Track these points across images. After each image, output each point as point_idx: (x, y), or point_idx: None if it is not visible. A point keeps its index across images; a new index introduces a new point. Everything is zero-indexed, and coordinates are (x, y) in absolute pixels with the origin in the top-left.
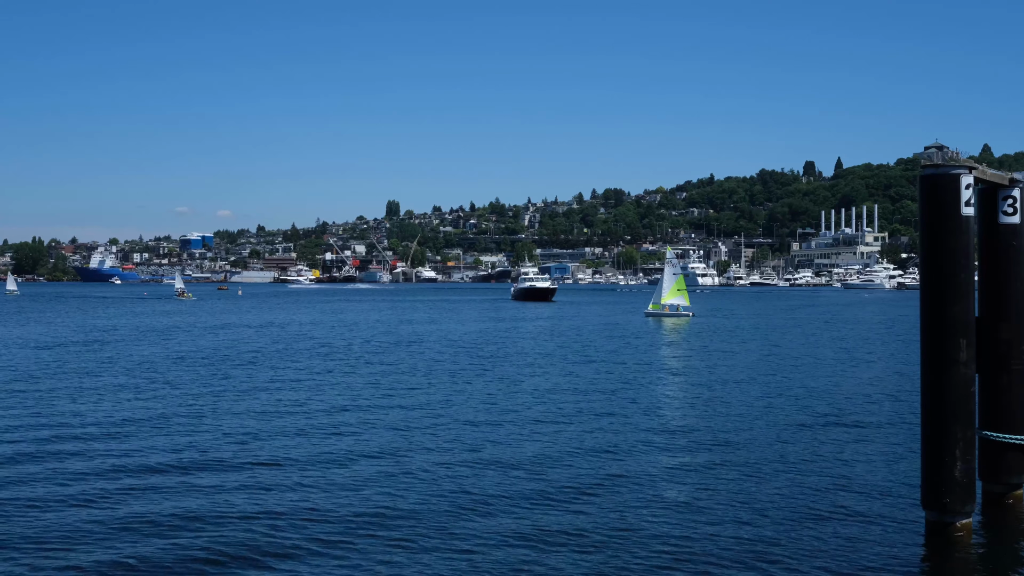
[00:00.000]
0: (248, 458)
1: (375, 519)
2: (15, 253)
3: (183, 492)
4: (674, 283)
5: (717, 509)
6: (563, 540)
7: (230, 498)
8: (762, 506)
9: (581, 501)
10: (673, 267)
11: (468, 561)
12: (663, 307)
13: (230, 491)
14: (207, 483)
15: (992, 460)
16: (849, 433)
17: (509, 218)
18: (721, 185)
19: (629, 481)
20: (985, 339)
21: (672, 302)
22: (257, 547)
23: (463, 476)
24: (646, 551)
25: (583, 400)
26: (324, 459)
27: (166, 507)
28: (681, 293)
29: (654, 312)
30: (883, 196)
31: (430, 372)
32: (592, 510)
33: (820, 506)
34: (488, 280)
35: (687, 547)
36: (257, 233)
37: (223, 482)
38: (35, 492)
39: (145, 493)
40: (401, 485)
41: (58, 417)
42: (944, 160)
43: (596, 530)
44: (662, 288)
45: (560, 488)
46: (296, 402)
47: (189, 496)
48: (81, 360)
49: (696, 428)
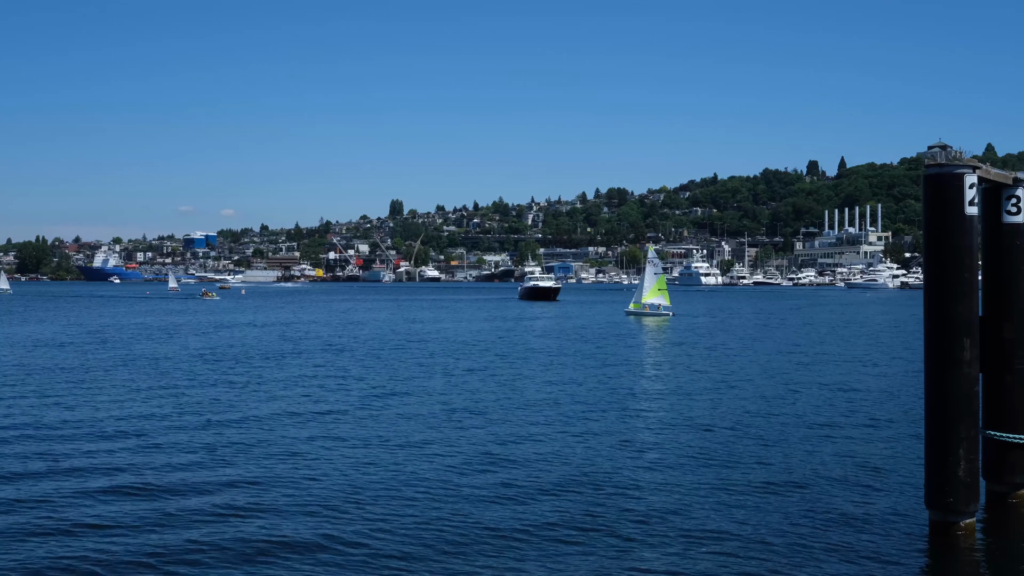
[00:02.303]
0: (294, 444)
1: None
2: (19, 252)
3: (220, 488)
4: (655, 282)
5: (720, 507)
6: (564, 536)
7: (273, 489)
8: (765, 505)
9: (580, 497)
10: (654, 266)
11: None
12: (643, 306)
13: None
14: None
15: (996, 460)
16: (852, 432)
17: (512, 217)
18: (725, 184)
19: (625, 478)
20: (989, 338)
21: (652, 301)
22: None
23: (510, 464)
24: (647, 550)
25: (596, 399)
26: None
27: (197, 502)
28: (662, 293)
29: (634, 311)
30: (887, 195)
31: (449, 371)
32: (593, 508)
33: (823, 505)
34: (491, 279)
35: (688, 546)
36: (261, 232)
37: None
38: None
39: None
40: (451, 482)
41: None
42: (948, 159)
43: (597, 528)
44: (643, 287)
45: (578, 483)
46: (326, 401)
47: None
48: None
49: (696, 428)
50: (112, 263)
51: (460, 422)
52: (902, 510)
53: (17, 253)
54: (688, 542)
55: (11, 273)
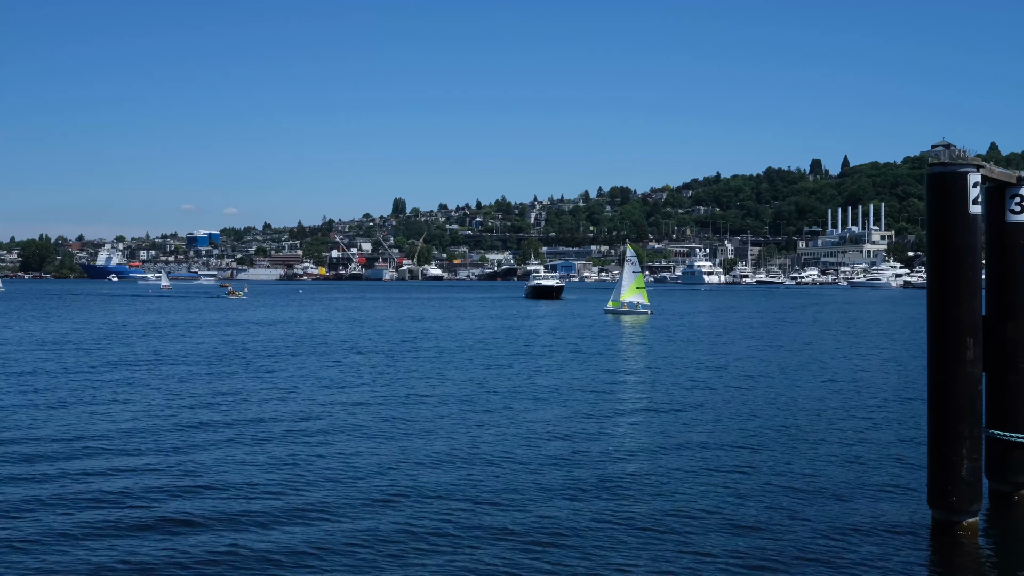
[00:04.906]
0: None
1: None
2: (22, 250)
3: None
4: (633, 281)
5: (722, 505)
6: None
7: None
8: (767, 503)
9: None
10: (632, 265)
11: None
12: (622, 304)
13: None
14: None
15: (999, 459)
16: (855, 431)
17: (515, 216)
18: (727, 183)
19: (624, 479)
20: (992, 338)
21: (631, 300)
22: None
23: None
24: (647, 548)
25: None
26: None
27: (209, 506)
28: (640, 291)
29: (613, 310)
30: (890, 194)
31: (467, 366)
32: (598, 505)
33: (825, 504)
34: (494, 278)
35: (689, 545)
36: (263, 231)
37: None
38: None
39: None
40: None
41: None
42: (951, 158)
43: (597, 524)
44: (621, 285)
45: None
46: (350, 399)
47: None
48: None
49: (693, 428)
50: (115, 261)
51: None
52: (905, 509)
53: (21, 251)
54: (685, 537)
55: (15, 271)
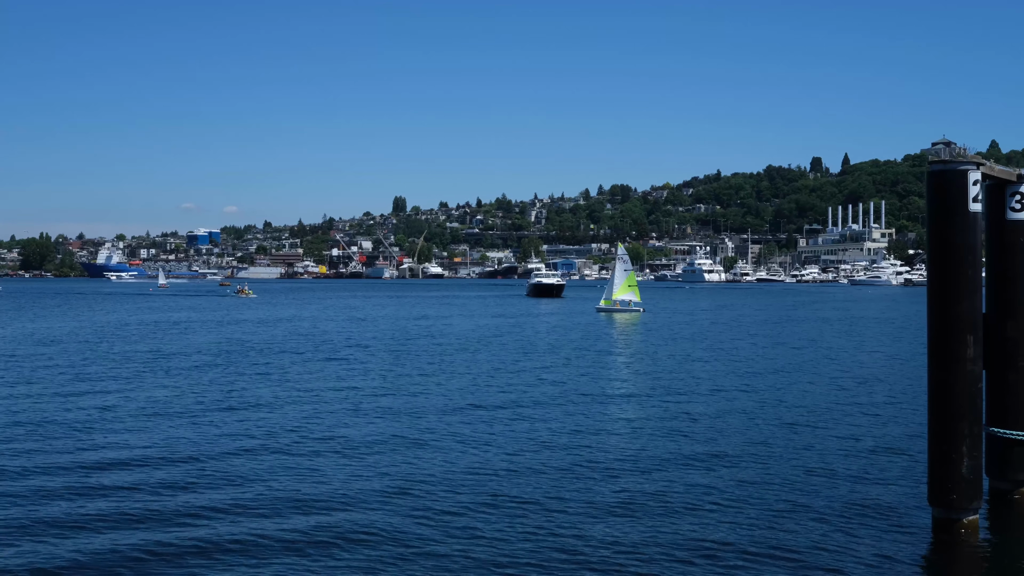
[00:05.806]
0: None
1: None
2: (23, 249)
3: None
4: (625, 279)
5: (723, 503)
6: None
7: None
8: (769, 501)
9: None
10: (624, 263)
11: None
12: (614, 303)
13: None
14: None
15: (999, 457)
16: (854, 428)
17: (516, 214)
18: (728, 181)
19: (624, 473)
20: (992, 336)
21: (623, 298)
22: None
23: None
24: (647, 547)
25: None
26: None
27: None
28: (632, 289)
29: (605, 308)
30: (890, 192)
31: (471, 364)
32: (600, 501)
33: (826, 502)
34: (494, 276)
35: (690, 543)
36: (264, 229)
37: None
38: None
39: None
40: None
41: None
42: (951, 156)
43: (599, 523)
44: (613, 284)
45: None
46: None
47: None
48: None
49: (697, 426)
50: (115, 260)
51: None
52: (905, 507)
53: (21, 250)
54: (690, 539)
55: (15, 270)
